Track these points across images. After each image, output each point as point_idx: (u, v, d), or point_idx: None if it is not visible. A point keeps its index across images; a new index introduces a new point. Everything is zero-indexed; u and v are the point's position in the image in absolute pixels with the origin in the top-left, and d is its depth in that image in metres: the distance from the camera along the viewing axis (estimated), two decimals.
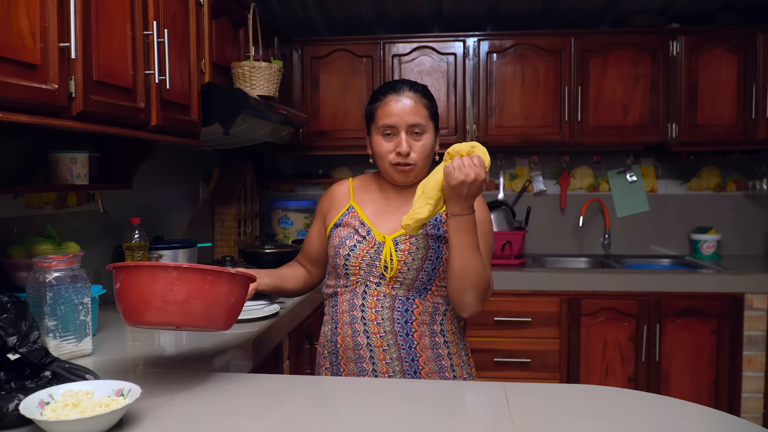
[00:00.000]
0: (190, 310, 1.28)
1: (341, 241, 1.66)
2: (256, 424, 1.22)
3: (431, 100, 1.66)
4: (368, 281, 1.62)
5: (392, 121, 1.60)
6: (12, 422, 1.16)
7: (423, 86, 1.67)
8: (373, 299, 1.61)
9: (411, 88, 1.63)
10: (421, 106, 1.61)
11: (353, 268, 1.63)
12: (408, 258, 1.58)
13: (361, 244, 1.63)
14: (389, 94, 1.63)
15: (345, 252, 1.63)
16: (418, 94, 1.63)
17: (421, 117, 1.61)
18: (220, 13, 2.48)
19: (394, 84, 1.66)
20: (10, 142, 1.96)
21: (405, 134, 1.60)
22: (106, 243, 2.45)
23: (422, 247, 1.59)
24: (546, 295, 3.30)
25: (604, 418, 1.25)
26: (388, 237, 1.62)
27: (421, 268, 1.58)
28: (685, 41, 3.42)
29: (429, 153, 1.64)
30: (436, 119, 1.67)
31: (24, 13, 1.36)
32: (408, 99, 1.61)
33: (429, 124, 1.63)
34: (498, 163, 3.96)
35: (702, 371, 3.25)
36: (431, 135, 1.64)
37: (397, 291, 1.60)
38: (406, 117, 1.60)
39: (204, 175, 3.38)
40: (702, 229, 3.79)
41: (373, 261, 1.61)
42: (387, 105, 1.62)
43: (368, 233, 1.64)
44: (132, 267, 1.31)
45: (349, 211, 1.71)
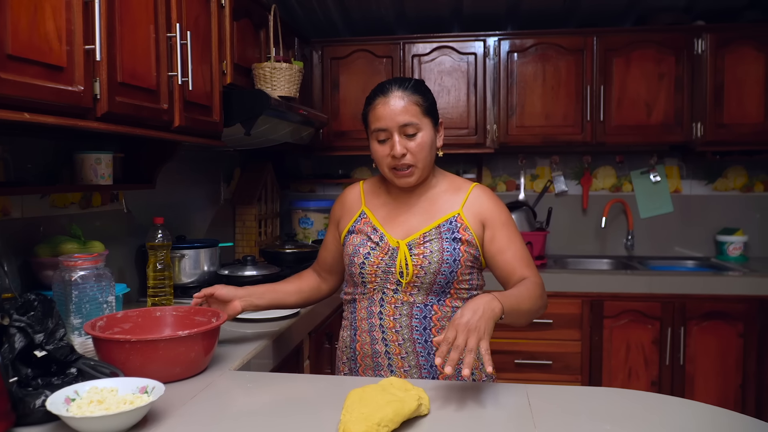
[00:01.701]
0: (150, 373, 1.36)
1: (355, 249, 1.64)
2: (277, 422, 1.22)
3: (425, 95, 1.59)
4: (385, 288, 1.61)
5: (382, 124, 1.57)
6: (38, 418, 1.18)
7: (415, 82, 1.60)
8: (390, 307, 1.60)
9: (399, 87, 1.57)
10: (411, 104, 1.56)
11: (369, 276, 1.61)
12: (424, 262, 1.56)
13: (374, 251, 1.61)
14: (377, 97, 1.59)
15: (360, 260, 1.62)
16: (408, 91, 1.57)
17: (412, 115, 1.55)
18: (242, 15, 2.49)
19: (382, 85, 1.61)
20: (37, 143, 1.98)
21: (398, 136, 1.56)
22: (130, 242, 2.47)
23: (437, 250, 1.57)
24: (568, 296, 3.28)
25: (628, 421, 1.23)
26: (401, 242, 1.59)
27: (438, 272, 1.56)
28: (711, 39, 3.37)
29: (428, 151, 1.59)
30: (432, 113, 1.61)
31: (50, 16, 1.38)
32: (397, 99, 1.56)
33: (424, 121, 1.57)
34: (519, 163, 3.93)
35: (728, 375, 3.20)
36: (428, 132, 1.58)
37: (414, 297, 1.59)
38: (396, 118, 1.55)
39: (225, 175, 3.40)
40: (728, 230, 3.73)
41: (389, 267, 1.59)
42: (376, 108, 1.58)
43: (381, 239, 1.62)
44: (98, 339, 1.43)
45: (361, 217, 1.69)
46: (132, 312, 1.64)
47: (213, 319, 1.60)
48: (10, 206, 1.87)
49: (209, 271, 2.60)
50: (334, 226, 1.79)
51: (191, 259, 2.55)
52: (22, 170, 1.92)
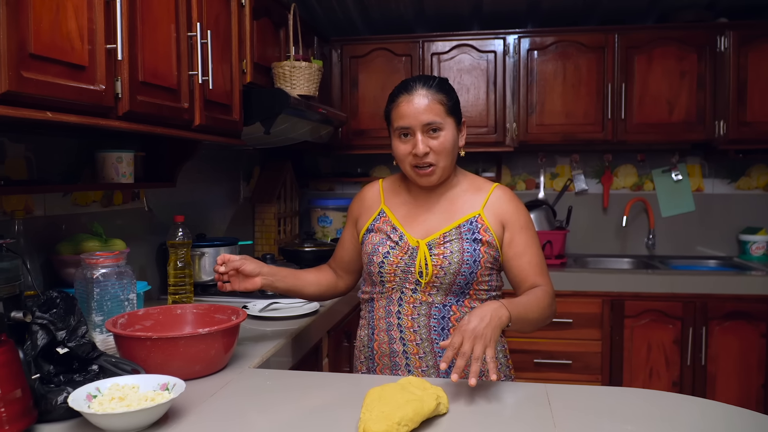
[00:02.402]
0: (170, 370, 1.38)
1: (374, 248, 1.63)
2: (296, 419, 1.22)
3: (449, 94, 1.58)
4: (404, 287, 1.60)
5: (406, 123, 1.55)
6: (60, 414, 1.20)
7: (439, 80, 1.59)
8: (409, 306, 1.59)
9: (424, 85, 1.56)
10: (435, 103, 1.54)
11: (388, 275, 1.61)
12: (444, 262, 1.55)
13: (394, 250, 1.60)
14: (401, 95, 1.57)
15: (379, 259, 1.61)
16: (432, 90, 1.55)
17: (435, 114, 1.54)
18: (262, 14, 2.50)
19: (406, 83, 1.59)
20: (59, 141, 2.01)
21: (420, 134, 1.54)
22: (151, 240, 2.49)
23: (457, 250, 1.56)
24: (588, 295, 3.25)
25: (650, 422, 1.22)
26: (421, 242, 1.58)
27: (458, 272, 1.55)
28: (734, 36, 3.32)
29: (450, 150, 1.57)
30: (456, 113, 1.59)
31: (72, 15, 1.39)
32: (421, 97, 1.54)
33: (447, 120, 1.56)
34: (539, 161, 3.91)
35: (750, 376, 3.16)
36: (451, 131, 1.57)
37: (433, 297, 1.58)
38: (420, 116, 1.53)
39: (245, 174, 3.41)
40: (751, 229, 3.68)
41: (408, 267, 1.58)
42: (399, 106, 1.56)
43: (401, 238, 1.61)
44: (120, 336, 1.45)
45: (380, 216, 1.68)
46: (153, 309, 1.65)
47: (233, 317, 1.61)
48: (33, 204, 1.89)
49: None
50: (352, 224, 1.78)
51: (211, 257, 2.56)
52: (45, 169, 1.94)
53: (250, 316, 2.11)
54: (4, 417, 1.09)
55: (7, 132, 1.79)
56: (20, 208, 1.82)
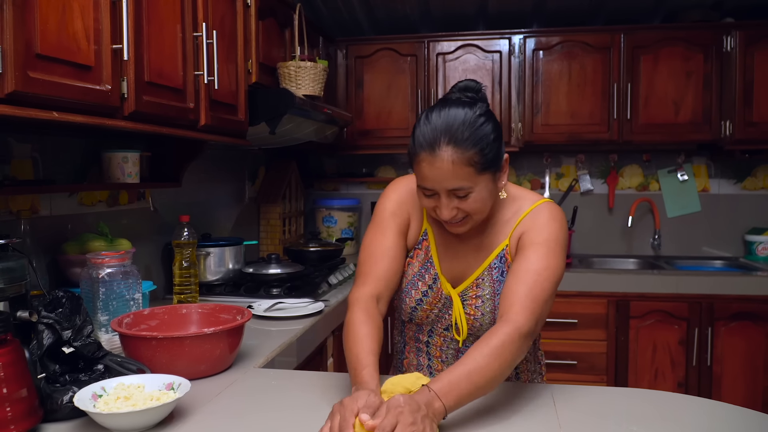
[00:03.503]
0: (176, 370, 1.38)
1: (406, 288, 1.46)
2: (301, 419, 1.22)
3: (483, 146, 1.25)
4: (434, 327, 1.49)
5: (427, 185, 1.29)
6: (66, 414, 1.20)
7: (471, 127, 1.24)
8: (439, 339, 1.49)
9: (451, 140, 1.23)
10: (462, 165, 1.24)
11: (419, 319, 1.49)
12: (477, 313, 1.42)
13: (427, 297, 1.45)
14: (422, 151, 1.26)
15: (411, 304, 1.46)
16: (461, 148, 1.23)
17: (462, 179, 1.25)
18: (267, 14, 2.50)
19: (430, 133, 1.25)
20: (65, 141, 2.01)
21: (446, 198, 1.28)
22: (156, 240, 2.50)
23: (489, 310, 1.40)
24: (593, 296, 3.24)
25: (655, 422, 1.22)
26: (454, 293, 1.43)
27: (491, 321, 1.40)
28: (740, 36, 3.31)
29: (484, 205, 1.31)
30: (494, 165, 1.29)
31: (78, 15, 1.39)
32: (445, 158, 1.23)
33: (479, 178, 1.27)
34: (544, 162, 3.90)
35: (756, 377, 3.15)
36: (486, 186, 1.29)
37: (466, 340, 1.47)
38: (443, 183, 1.26)
39: (250, 174, 3.42)
40: (757, 230, 3.67)
41: (441, 315, 1.46)
42: (420, 165, 1.27)
43: (434, 282, 1.45)
44: (125, 335, 1.45)
45: (423, 239, 1.48)
46: (158, 309, 1.66)
47: (238, 317, 1.61)
48: (39, 204, 1.90)
49: (234, 269, 2.62)
50: (398, 222, 1.47)
51: (216, 257, 2.57)
52: (51, 169, 1.94)
53: (255, 316, 2.11)
54: (9, 416, 1.09)
55: (13, 132, 1.79)
56: (26, 207, 1.82)
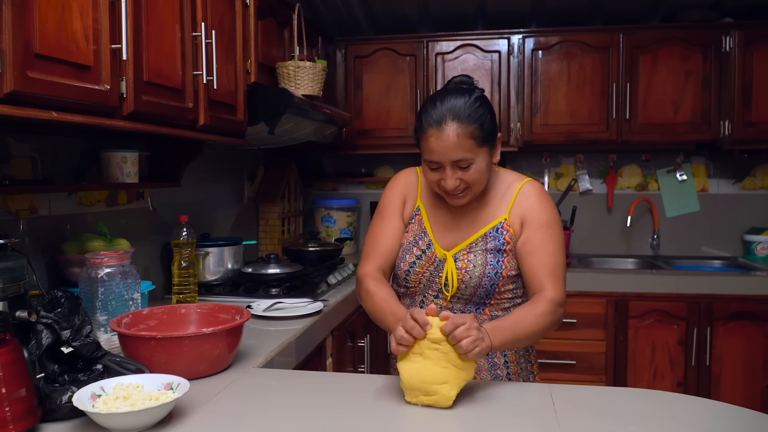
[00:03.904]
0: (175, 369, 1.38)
1: (402, 254, 1.61)
2: (300, 419, 1.23)
3: (482, 122, 1.47)
4: (426, 293, 1.61)
5: (434, 158, 1.48)
6: (65, 414, 1.20)
7: (473, 107, 1.47)
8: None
9: (455, 117, 1.44)
10: (465, 138, 1.45)
11: (413, 283, 1.61)
12: (465, 276, 1.54)
13: (420, 260, 1.59)
14: (430, 128, 1.46)
15: (405, 267, 1.60)
16: (464, 122, 1.44)
17: (466, 150, 1.45)
18: (266, 14, 2.50)
19: (436, 113, 1.47)
20: (64, 141, 2.01)
21: (450, 169, 1.48)
22: (155, 240, 2.50)
23: (480, 264, 1.54)
24: (592, 296, 3.24)
25: (654, 422, 1.22)
26: (448, 254, 1.57)
27: (478, 285, 1.54)
28: (739, 36, 3.31)
29: (483, 177, 1.51)
30: (490, 139, 1.50)
31: (77, 15, 1.39)
32: (450, 132, 1.44)
33: (480, 151, 1.47)
34: (543, 162, 3.90)
35: (755, 376, 3.15)
36: (484, 159, 1.49)
37: (454, 305, 1.58)
38: (449, 154, 1.45)
39: (249, 173, 3.42)
40: (756, 230, 3.67)
41: (433, 277, 1.58)
42: (428, 140, 1.47)
43: (428, 247, 1.59)
44: (124, 335, 1.44)
45: (416, 214, 1.65)
46: (157, 309, 1.66)
47: (237, 316, 1.61)
48: (38, 204, 1.90)
49: (233, 268, 2.62)
50: (399, 207, 1.66)
51: (215, 256, 2.57)
52: (50, 169, 1.94)
53: (254, 316, 2.11)
54: (8, 416, 1.09)
55: (12, 132, 1.79)
56: (25, 207, 1.82)
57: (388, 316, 1.48)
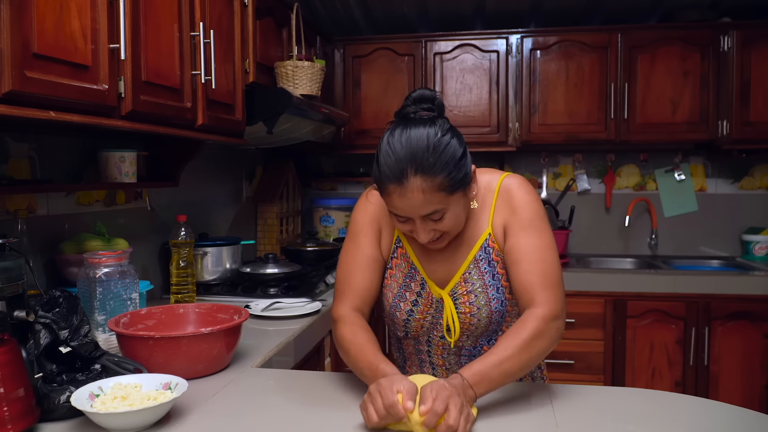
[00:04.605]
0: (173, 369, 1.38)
1: (395, 302, 1.45)
2: (299, 419, 1.23)
3: (449, 170, 1.24)
4: (431, 335, 1.47)
5: (401, 213, 1.28)
6: (63, 414, 1.20)
7: (435, 152, 1.22)
8: (438, 348, 1.48)
9: (417, 170, 1.21)
10: (433, 192, 1.23)
11: (414, 329, 1.46)
12: (473, 320, 1.40)
13: (417, 306, 1.43)
14: (391, 184, 1.24)
15: (403, 317, 1.44)
16: (429, 176, 1.22)
17: (435, 204, 1.25)
18: (264, 14, 2.50)
19: (396, 166, 1.23)
20: (62, 141, 2.01)
21: (420, 222, 1.29)
22: (154, 240, 2.50)
23: (484, 303, 1.39)
24: (590, 295, 3.25)
25: (652, 422, 1.22)
26: (444, 294, 1.41)
27: (488, 325, 1.41)
28: (737, 36, 3.32)
29: (459, 221, 1.33)
30: (462, 184, 1.28)
31: (76, 15, 1.39)
32: (415, 189, 1.22)
33: (451, 199, 1.27)
34: (541, 161, 3.91)
35: (753, 376, 3.15)
36: (458, 203, 1.30)
37: (463, 343, 1.46)
38: (416, 210, 1.26)
39: (247, 173, 3.42)
40: (754, 229, 3.67)
41: (435, 321, 1.44)
42: (390, 196, 1.26)
43: (422, 288, 1.43)
44: (122, 335, 1.45)
45: (397, 246, 1.46)
46: (155, 309, 1.66)
47: (235, 316, 1.61)
48: (36, 204, 1.89)
49: (231, 268, 2.62)
50: (373, 235, 1.47)
51: (214, 256, 2.57)
52: (48, 168, 1.94)
53: (252, 316, 2.11)
54: (6, 416, 1.09)
55: (10, 131, 1.79)
56: (23, 207, 1.82)
57: (366, 370, 1.29)
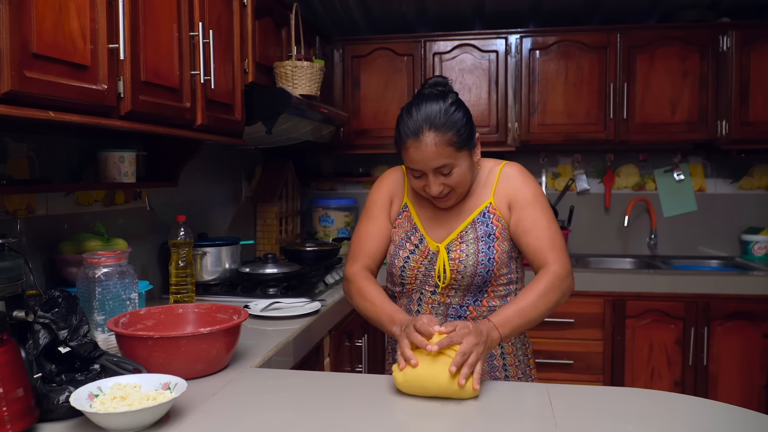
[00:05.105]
0: (172, 369, 1.38)
1: (395, 251, 1.63)
2: (298, 419, 1.23)
3: (458, 127, 1.49)
4: (423, 289, 1.61)
5: (416, 167, 1.51)
6: (62, 414, 1.20)
7: (447, 114, 1.48)
8: (428, 306, 1.61)
9: (431, 126, 1.46)
10: (444, 146, 1.47)
11: (409, 279, 1.61)
12: (460, 266, 1.55)
13: (414, 255, 1.60)
14: (408, 139, 1.49)
15: (400, 264, 1.61)
16: (441, 130, 1.47)
17: (446, 157, 1.48)
18: (264, 14, 2.50)
19: (413, 123, 1.48)
20: (61, 141, 2.01)
21: (432, 176, 1.51)
22: (153, 240, 2.50)
23: (473, 252, 1.55)
24: (589, 295, 3.25)
25: (651, 422, 1.22)
26: (441, 246, 1.58)
27: (474, 274, 1.55)
28: (736, 36, 3.32)
29: (466, 178, 1.55)
30: (468, 142, 1.52)
31: (75, 15, 1.39)
32: (429, 142, 1.46)
33: (460, 155, 1.50)
34: (540, 161, 3.91)
35: (752, 376, 3.16)
36: (465, 162, 1.53)
37: (451, 299, 1.59)
38: (429, 162, 1.48)
39: (246, 173, 3.42)
40: (753, 229, 3.68)
41: (428, 271, 1.59)
42: (408, 151, 1.50)
43: (421, 241, 1.61)
44: (121, 335, 1.45)
45: (403, 210, 1.66)
46: (155, 309, 1.66)
47: (234, 316, 1.61)
48: (35, 204, 1.89)
49: (230, 268, 2.62)
50: (385, 207, 1.69)
51: (213, 256, 2.57)
52: (47, 168, 1.94)
53: (251, 316, 2.11)
54: (6, 416, 1.09)
55: (9, 131, 1.79)
56: (23, 207, 1.82)
57: (383, 316, 1.51)
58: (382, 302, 1.54)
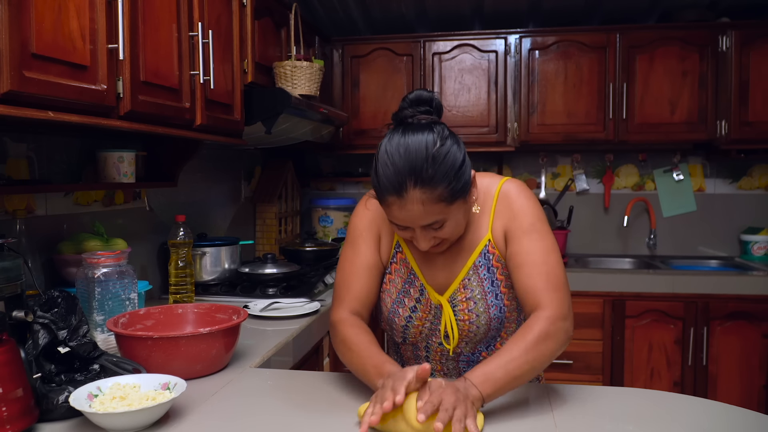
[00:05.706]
0: (171, 369, 1.38)
1: (393, 307, 1.45)
2: (297, 419, 1.22)
3: (449, 179, 1.22)
4: (429, 341, 1.47)
5: (401, 223, 1.28)
6: (62, 414, 1.20)
7: (435, 163, 1.20)
8: (437, 354, 1.48)
9: (417, 182, 1.20)
10: (432, 203, 1.22)
11: (412, 336, 1.47)
12: (471, 327, 1.40)
13: (416, 312, 1.43)
14: (390, 196, 1.23)
15: (402, 322, 1.44)
16: (428, 187, 1.20)
17: (435, 214, 1.24)
18: (263, 14, 2.50)
19: (395, 177, 1.21)
20: (60, 141, 2.01)
21: (421, 231, 1.28)
22: (152, 240, 2.49)
23: (483, 310, 1.39)
24: (589, 295, 3.25)
25: (651, 422, 1.22)
26: (443, 300, 1.40)
27: (487, 332, 1.41)
28: (736, 36, 3.32)
29: (459, 227, 1.33)
30: (462, 192, 1.27)
31: (74, 15, 1.39)
32: (414, 200, 1.22)
33: (451, 208, 1.26)
34: (540, 161, 3.91)
35: (752, 376, 3.16)
36: (458, 211, 1.29)
37: (462, 349, 1.46)
38: (416, 222, 1.25)
39: (246, 173, 3.42)
40: (753, 229, 3.68)
41: (434, 327, 1.44)
42: (390, 207, 1.26)
43: (422, 294, 1.42)
44: (121, 335, 1.45)
45: (396, 251, 1.45)
46: (154, 309, 1.66)
47: (234, 316, 1.61)
48: (35, 204, 1.89)
49: (230, 268, 2.62)
50: (373, 239, 1.46)
51: (212, 256, 2.57)
52: (46, 168, 1.94)
53: (251, 316, 2.11)
54: (5, 416, 1.09)
55: (8, 131, 1.79)
56: (22, 207, 1.82)
57: (370, 368, 1.27)
58: (370, 352, 1.29)
